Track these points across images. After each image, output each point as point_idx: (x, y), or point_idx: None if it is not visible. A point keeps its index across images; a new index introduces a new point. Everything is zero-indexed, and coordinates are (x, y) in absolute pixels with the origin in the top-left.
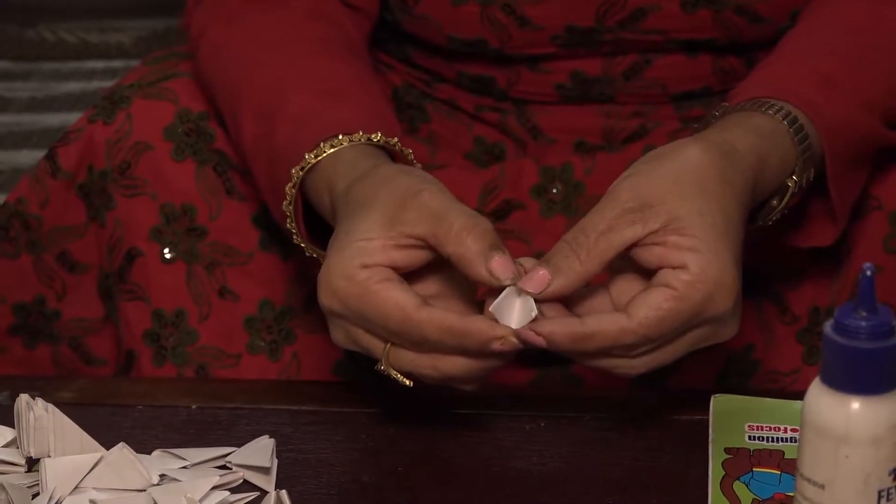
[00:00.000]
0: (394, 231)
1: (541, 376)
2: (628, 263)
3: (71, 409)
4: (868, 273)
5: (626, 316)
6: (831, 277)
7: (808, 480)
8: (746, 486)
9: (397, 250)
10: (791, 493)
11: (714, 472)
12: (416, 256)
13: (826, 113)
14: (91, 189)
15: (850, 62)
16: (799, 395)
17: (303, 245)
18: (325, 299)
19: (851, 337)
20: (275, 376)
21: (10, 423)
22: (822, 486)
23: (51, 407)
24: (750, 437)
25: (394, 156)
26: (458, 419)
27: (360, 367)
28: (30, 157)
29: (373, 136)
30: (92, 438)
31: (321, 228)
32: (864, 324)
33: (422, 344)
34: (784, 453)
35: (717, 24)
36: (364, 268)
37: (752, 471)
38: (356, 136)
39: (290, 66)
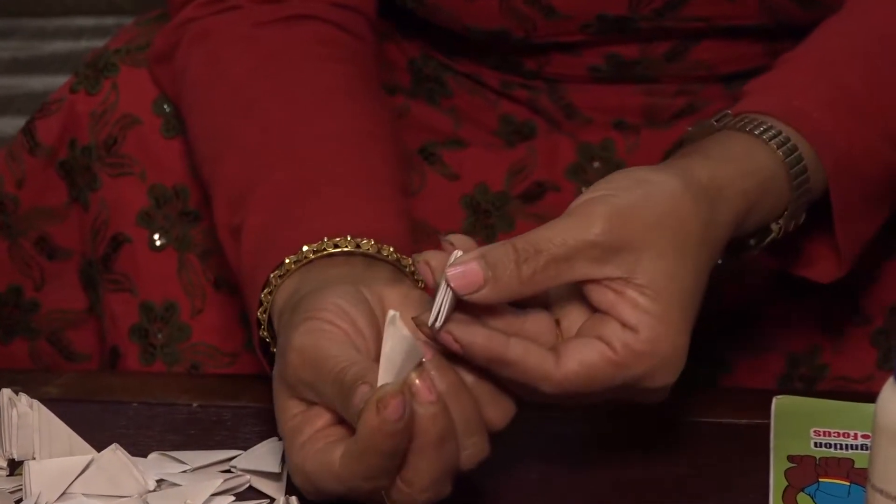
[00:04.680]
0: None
1: None
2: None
3: (58, 405)
4: None
5: (554, 361)
6: None
7: (881, 492)
8: (812, 498)
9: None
10: None
11: (775, 483)
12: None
13: (837, 143)
14: (73, 167)
15: (875, 79)
16: (871, 397)
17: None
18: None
19: None
20: None
21: None
22: None
23: (36, 403)
24: (816, 444)
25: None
26: None
27: None
28: (11, 124)
29: (327, 246)
30: (81, 439)
31: None
32: None
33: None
34: (854, 462)
35: (763, 9)
36: (302, 448)
37: (817, 481)
38: (302, 256)
39: (269, 132)
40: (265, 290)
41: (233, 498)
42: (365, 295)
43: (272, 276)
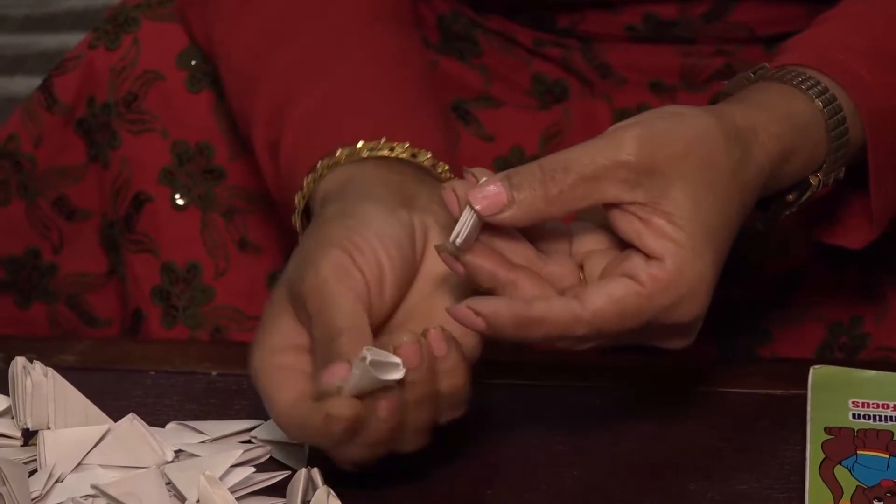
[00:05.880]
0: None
1: None
2: (600, 214)
3: (74, 374)
4: None
5: (579, 303)
6: None
7: None
8: (849, 471)
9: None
10: None
11: (812, 455)
12: None
13: (876, 96)
14: (92, 125)
15: None
16: None
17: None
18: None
19: None
20: None
21: (4, 389)
22: None
23: (51, 372)
24: (854, 416)
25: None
26: (517, 391)
27: None
28: (24, 84)
29: (375, 147)
30: (97, 408)
31: None
32: None
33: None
34: (893, 434)
35: None
36: (270, 352)
37: (856, 454)
38: (356, 151)
39: (307, 52)
40: (309, 176)
41: (253, 469)
42: (413, 226)
43: (320, 163)
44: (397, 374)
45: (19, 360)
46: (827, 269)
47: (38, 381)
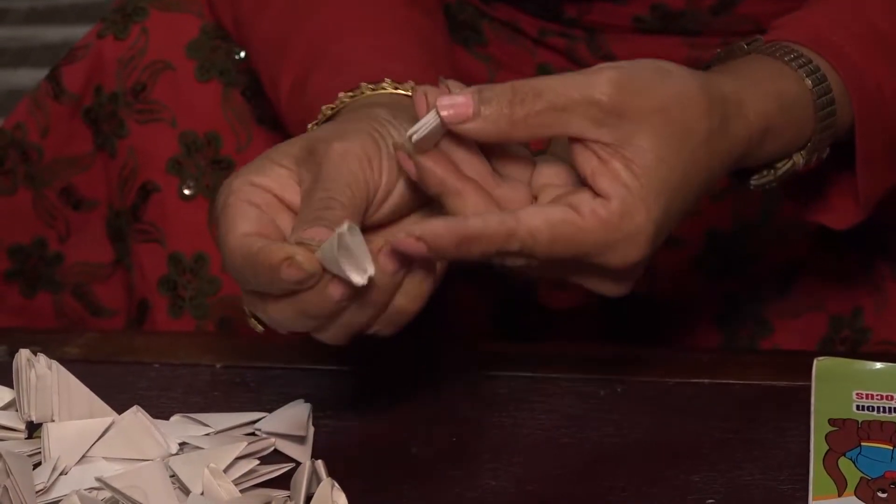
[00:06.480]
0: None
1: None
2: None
3: (78, 366)
4: None
5: (514, 219)
6: None
7: None
8: (853, 462)
9: (291, 184)
10: None
11: (816, 447)
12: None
13: (867, 81)
14: (99, 114)
15: None
16: None
17: None
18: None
19: None
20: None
21: (8, 382)
22: None
23: (55, 364)
24: (858, 407)
25: None
26: (522, 383)
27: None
28: (28, 76)
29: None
30: (101, 401)
31: None
32: None
33: (238, 280)
34: None
35: None
36: (249, 185)
37: (860, 445)
38: (403, 86)
39: (343, 13)
40: (328, 105)
41: (257, 461)
42: None
43: (342, 94)
44: (359, 278)
45: (23, 353)
46: (827, 261)
47: (42, 373)
